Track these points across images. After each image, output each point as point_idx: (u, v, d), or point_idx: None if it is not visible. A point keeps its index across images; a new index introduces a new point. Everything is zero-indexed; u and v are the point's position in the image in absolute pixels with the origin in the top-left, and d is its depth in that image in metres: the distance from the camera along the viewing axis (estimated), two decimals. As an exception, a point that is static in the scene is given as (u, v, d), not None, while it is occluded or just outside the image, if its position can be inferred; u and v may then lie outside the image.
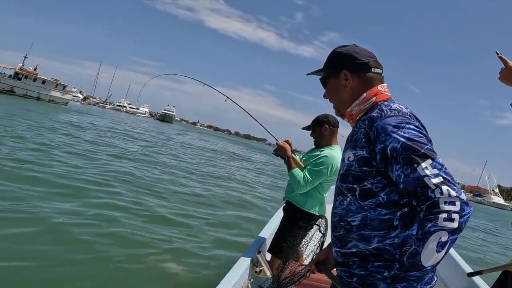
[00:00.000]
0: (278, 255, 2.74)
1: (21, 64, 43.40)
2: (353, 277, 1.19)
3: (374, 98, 1.26)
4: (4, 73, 42.03)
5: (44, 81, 43.46)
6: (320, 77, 1.39)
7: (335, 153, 2.69)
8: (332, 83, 1.33)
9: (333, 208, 1.31)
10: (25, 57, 44.66)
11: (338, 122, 2.78)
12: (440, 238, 0.98)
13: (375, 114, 1.19)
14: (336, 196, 1.29)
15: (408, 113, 1.18)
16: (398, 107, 1.20)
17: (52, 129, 14.85)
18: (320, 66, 1.41)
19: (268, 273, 2.72)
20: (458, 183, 1.06)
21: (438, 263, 1.01)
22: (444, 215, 0.98)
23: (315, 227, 2.00)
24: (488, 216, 30.27)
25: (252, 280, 2.75)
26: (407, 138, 1.08)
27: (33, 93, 42.01)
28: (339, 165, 2.71)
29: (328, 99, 1.38)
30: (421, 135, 1.11)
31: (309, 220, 2.77)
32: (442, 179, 1.01)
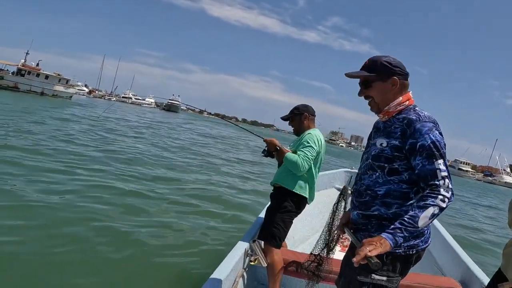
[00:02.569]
0: (269, 241, 2.70)
1: (23, 60, 43.68)
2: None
3: (407, 101, 1.63)
4: (7, 69, 42.25)
5: (47, 76, 43.73)
6: (363, 79, 1.66)
7: (316, 131, 2.85)
8: (379, 85, 1.63)
9: (360, 179, 1.69)
10: (26, 53, 44.84)
11: (315, 112, 2.96)
12: (434, 210, 1.42)
13: (414, 117, 1.54)
14: (366, 171, 1.66)
15: (435, 121, 1.55)
16: (429, 115, 1.56)
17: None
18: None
19: (263, 262, 2.64)
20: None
21: (425, 226, 1.44)
22: (441, 197, 1.43)
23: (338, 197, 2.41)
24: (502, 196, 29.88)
25: (247, 269, 2.67)
26: (434, 140, 1.49)
27: (37, 89, 42.31)
28: (323, 140, 2.79)
29: (363, 96, 1.68)
30: (442, 140, 1.52)
31: (298, 202, 2.70)
32: (446, 174, 1.47)
